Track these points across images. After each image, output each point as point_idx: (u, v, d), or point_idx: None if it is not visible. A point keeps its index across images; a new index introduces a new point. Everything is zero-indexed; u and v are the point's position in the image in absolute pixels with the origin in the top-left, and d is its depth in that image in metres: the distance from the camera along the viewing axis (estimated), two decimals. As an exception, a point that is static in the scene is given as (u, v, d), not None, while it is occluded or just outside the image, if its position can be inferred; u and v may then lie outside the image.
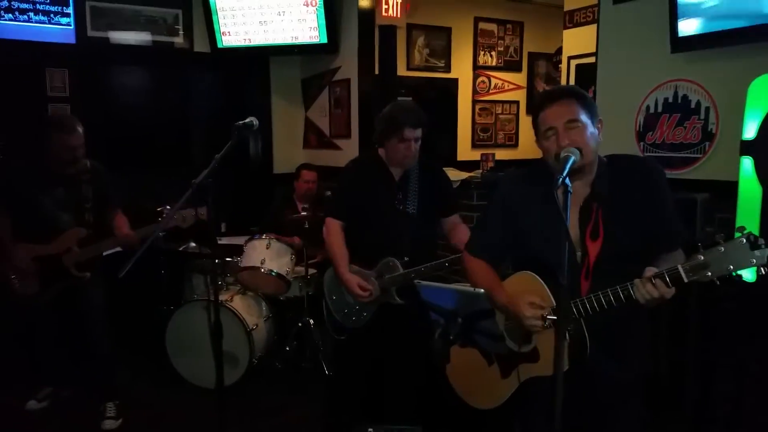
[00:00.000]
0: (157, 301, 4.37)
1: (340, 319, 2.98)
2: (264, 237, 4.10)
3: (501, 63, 7.33)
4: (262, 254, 4.00)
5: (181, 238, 4.37)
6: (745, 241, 1.51)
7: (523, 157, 7.11)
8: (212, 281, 2.52)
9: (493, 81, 7.31)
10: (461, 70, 7.10)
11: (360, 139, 4.93)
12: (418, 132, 2.72)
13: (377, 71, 4.93)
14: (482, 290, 1.97)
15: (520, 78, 7.49)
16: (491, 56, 7.24)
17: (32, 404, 3.58)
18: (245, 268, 4.03)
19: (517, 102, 7.50)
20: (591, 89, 3.41)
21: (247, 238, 4.20)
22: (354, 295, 2.81)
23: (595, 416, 1.95)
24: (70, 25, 4.79)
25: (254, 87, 5.82)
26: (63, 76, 4.88)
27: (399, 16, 4.93)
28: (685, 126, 2.97)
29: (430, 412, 2.90)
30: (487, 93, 7.30)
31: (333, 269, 2.92)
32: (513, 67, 7.42)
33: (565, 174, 1.64)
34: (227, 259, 4.36)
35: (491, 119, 7.37)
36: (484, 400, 2.15)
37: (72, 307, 3.44)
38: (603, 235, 1.85)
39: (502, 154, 6.95)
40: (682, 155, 2.98)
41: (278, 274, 4.00)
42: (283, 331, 4.30)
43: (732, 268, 1.52)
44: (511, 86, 7.44)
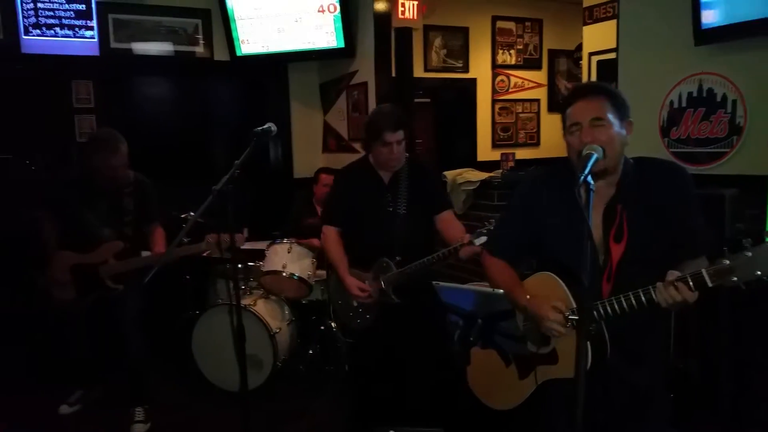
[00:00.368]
0: (182, 306, 4.42)
1: (346, 322, 3.08)
2: (285, 241, 4.11)
3: (520, 61, 7.27)
4: (284, 258, 4.01)
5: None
6: None
7: (545, 156, 7.04)
8: (234, 286, 2.53)
9: (513, 80, 7.26)
10: (480, 69, 7.05)
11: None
12: (400, 134, 2.76)
13: (394, 74, 4.92)
14: (501, 291, 1.95)
15: (540, 76, 7.42)
16: (510, 55, 7.18)
17: (64, 408, 3.62)
18: (267, 273, 4.05)
19: (538, 100, 7.44)
20: (613, 86, 3.36)
21: (268, 242, 4.22)
22: (354, 297, 2.89)
23: (615, 421, 1.91)
24: (94, 38, 4.88)
25: (273, 93, 5.86)
26: (88, 87, 4.99)
27: (415, 18, 4.92)
28: (711, 120, 2.90)
29: (450, 414, 2.89)
30: (507, 92, 7.25)
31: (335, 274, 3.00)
32: (533, 65, 7.36)
33: (587, 172, 1.61)
34: (249, 263, 4.39)
35: (511, 118, 7.31)
36: (501, 400, 2.14)
37: (109, 311, 3.49)
38: (627, 237, 1.81)
39: (523, 154, 6.91)
40: (708, 150, 2.92)
41: (300, 278, 4.01)
42: (306, 334, 4.31)
43: (759, 273, 1.48)
44: (531, 84, 7.38)
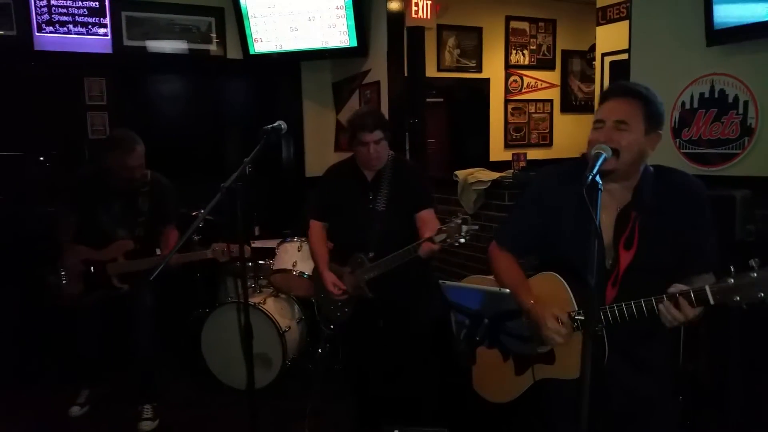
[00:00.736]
0: (192, 304, 4.45)
1: (328, 315, 3.17)
2: (296, 239, 4.13)
3: (533, 62, 7.24)
4: (294, 257, 4.03)
5: (214, 242, 4.43)
6: None
7: (558, 157, 7.01)
8: (242, 284, 2.54)
9: (526, 80, 7.23)
10: (493, 69, 7.04)
11: (390, 141, 4.91)
12: (377, 134, 2.81)
13: (406, 73, 4.92)
14: (507, 289, 1.94)
15: (553, 76, 7.39)
16: (523, 55, 7.16)
17: (75, 410, 3.62)
18: (277, 271, 4.07)
19: (551, 101, 7.41)
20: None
21: (279, 240, 4.24)
22: (329, 293, 2.97)
23: (615, 426, 1.90)
24: (107, 35, 4.92)
25: (286, 92, 5.89)
26: (101, 84, 5.03)
27: (429, 17, 4.91)
28: (723, 121, 2.88)
29: (456, 414, 2.89)
30: (520, 92, 7.22)
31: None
32: (546, 65, 7.33)
33: (594, 171, 1.60)
34: (260, 262, 4.41)
35: (524, 119, 7.28)
36: (496, 393, 2.15)
37: (120, 309, 3.52)
38: (637, 245, 1.80)
39: (535, 154, 6.89)
40: (719, 151, 2.89)
41: (310, 276, 4.02)
42: (316, 333, 4.32)
43: (763, 296, 1.47)
44: (544, 85, 7.35)
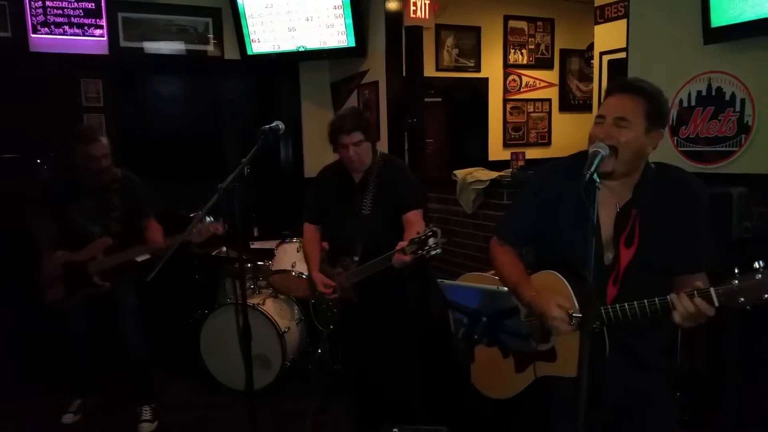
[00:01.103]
0: (191, 305, 4.45)
1: (321, 315, 3.21)
2: (295, 240, 4.13)
3: (532, 61, 7.24)
4: (293, 257, 4.03)
5: (213, 243, 4.43)
6: None
7: (556, 156, 7.00)
8: (241, 285, 2.54)
9: (524, 79, 7.23)
10: (491, 69, 7.03)
11: (389, 141, 4.92)
12: (355, 136, 2.81)
13: (405, 73, 4.92)
14: (506, 286, 1.94)
15: (551, 75, 7.39)
16: (522, 54, 7.16)
17: (68, 417, 3.60)
18: (276, 272, 4.07)
19: (549, 100, 7.40)
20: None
21: (278, 241, 4.24)
22: (319, 293, 3.00)
23: (612, 422, 1.90)
24: (103, 37, 4.91)
25: (285, 92, 5.87)
26: (97, 86, 5.01)
27: (427, 17, 4.91)
28: (720, 119, 2.88)
29: (454, 412, 2.90)
30: (518, 92, 7.22)
31: None
32: (544, 64, 7.32)
33: (592, 170, 1.61)
34: (259, 262, 4.41)
35: (523, 118, 7.28)
36: (497, 390, 2.16)
37: (104, 312, 3.51)
38: (637, 243, 1.80)
39: (534, 153, 6.89)
40: (717, 149, 2.90)
41: (309, 277, 4.02)
42: (315, 333, 4.32)
43: (766, 297, 1.47)
44: (542, 84, 7.35)
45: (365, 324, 2.99)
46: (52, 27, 4.73)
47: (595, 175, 1.61)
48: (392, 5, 4.76)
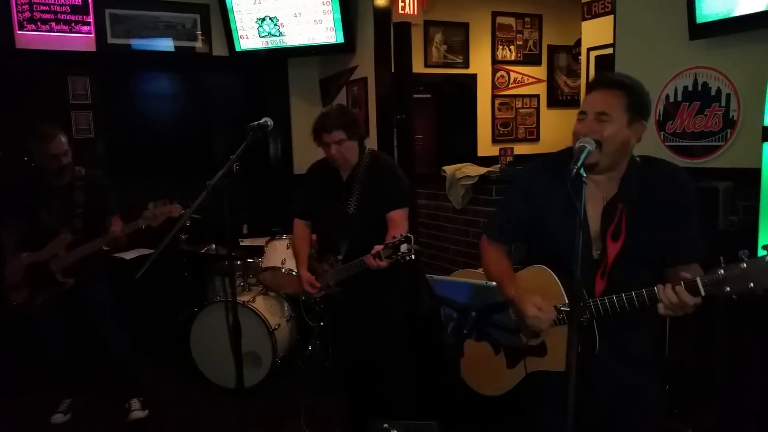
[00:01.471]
0: (181, 303, 4.43)
1: (310, 310, 3.24)
2: (284, 237, 4.12)
3: (520, 57, 7.26)
4: (283, 254, 4.02)
5: (202, 241, 4.42)
6: None
7: (545, 152, 7.03)
8: (230, 283, 2.53)
9: (513, 75, 7.25)
10: (480, 65, 7.05)
11: (378, 137, 4.92)
12: (337, 134, 2.80)
13: (393, 69, 4.92)
14: (494, 280, 1.96)
15: (539, 71, 7.42)
16: (510, 50, 7.18)
17: (58, 418, 3.57)
18: (266, 269, 4.06)
19: (537, 96, 7.43)
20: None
21: (268, 238, 4.23)
22: (305, 291, 3.01)
23: (602, 416, 1.92)
24: (90, 33, 4.87)
25: (273, 89, 5.86)
26: (85, 83, 4.97)
27: (416, 13, 4.91)
28: (706, 114, 2.91)
29: (444, 407, 2.92)
30: (507, 87, 7.24)
31: None
32: (532, 60, 7.35)
33: (579, 165, 1.62)
34: (249, 260, 4.40)
35: (511, 114, 7.31)
36: (488, 386, 2.17)
37: (81, 313, 3.49)
38: (624, 236, 1.81)
39: (523, 149, 6.91)
40: (703, 144, 2.92)
41: (298, 274, 4.02)
42: (306, 330, 4.32)
43: (752, 286, 1.47)
44: (531, 80, 7.37)
45: (355, 320, 3.00)
46: (39, 24, 4.68)
47: (582, 170, 1.62)
48: (380, 1, 4.75)
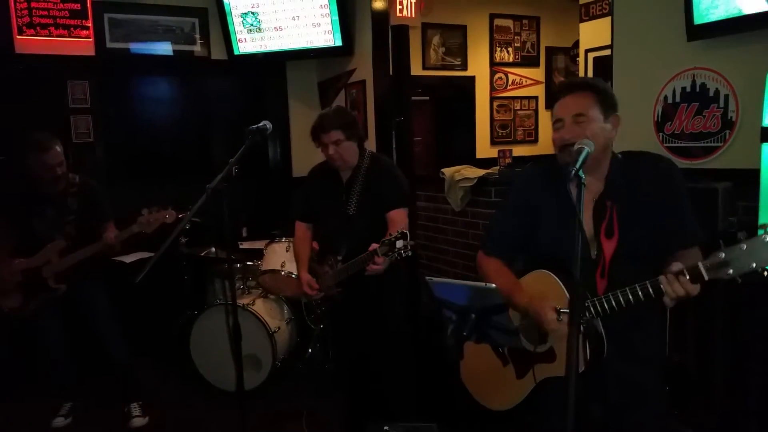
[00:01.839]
0: (181, 306, 4.43)
1: (312, 311, 3.22)
2: (284, 240, 4.12)
3: (518, 59, 7.28)
4: (282, 257, 4.02)
5: (202, 244, 4.43)
6: (767, 238, 1.45)
7: (543, 153, 7.05)
8: (230, 286, 2.53)
9: (511, 77, 7.27)
10: (478, 67, 7.07)
11: (376, 139, 4.93)
12: (334, 135, 2.80)
13: (392, 72, 4.93)
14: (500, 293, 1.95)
15: (538, 73, 7.43)
16: (508, 52, 7.19)
17: (59, 421, 3.56)
18: (266, 272, 4.06)
19: (536, 97, 7.45)
20: (600, 80, 3.37)
21: (267, 241, 4.23)
22: (305, 292, 3.01)
23: (611, 417, 1.92)
24: (89, 38, 4.88)
25: (272, 92, 5.86)
26: (84, 87, 4.97)
27: (413, 16, 4.92)
28: (704, 115, 2.91)
29: (445, 409, 2.91)
30: (505, 89, 7.26)
31: None
32: (530, 62, 7.37)
33: (578, 166, 1.62)
34: (248, 263, 4.40)
35: (510, 116, 7.32)
36: (500, 401, 2.13)
37: (76, 316, 3.49)
38: (618, 233, 1.82)
39: (521, 150, 6.92)
40: (701, 144, 2.93)
41: (298, 276, 4.02)
42: (306, 333, 4.32)
43: (755, 266, 1.46)
44: (529, 82, 7.39)
45: (355, 321, 3.00)
46: (38, 28, 4.68)
47: (581, 172, 1.63)
48: (378, 4, 4.76)
